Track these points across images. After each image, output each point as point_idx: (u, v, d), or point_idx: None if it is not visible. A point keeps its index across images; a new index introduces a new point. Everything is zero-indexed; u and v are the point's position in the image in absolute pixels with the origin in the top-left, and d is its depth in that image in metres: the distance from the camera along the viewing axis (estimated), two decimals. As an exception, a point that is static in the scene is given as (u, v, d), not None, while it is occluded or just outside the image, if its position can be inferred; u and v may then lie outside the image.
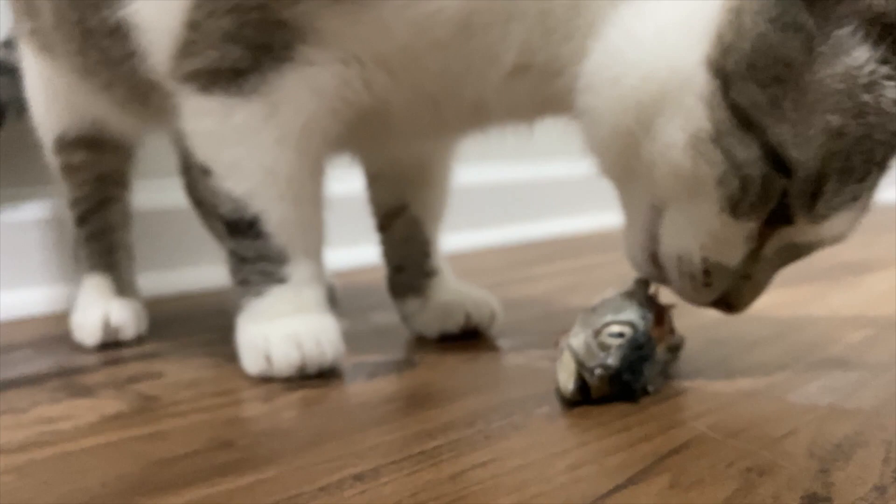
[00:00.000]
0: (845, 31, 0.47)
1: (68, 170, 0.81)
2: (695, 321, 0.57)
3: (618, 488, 0.40)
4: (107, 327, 0.75)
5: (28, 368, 0.68)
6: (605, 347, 0.52)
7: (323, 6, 0.54)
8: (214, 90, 0.59)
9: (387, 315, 0.80)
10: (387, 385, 0.61)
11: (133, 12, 0.61)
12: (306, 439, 0.48)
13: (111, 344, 0.75)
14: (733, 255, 0.52)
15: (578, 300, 0.80)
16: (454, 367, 0.65)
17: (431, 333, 0.74)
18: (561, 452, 0.45)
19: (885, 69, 0.47)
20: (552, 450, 0.46)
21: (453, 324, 0.72)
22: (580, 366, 0.52)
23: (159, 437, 0.50)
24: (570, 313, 0.59)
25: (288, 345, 0.60)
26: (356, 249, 0.93)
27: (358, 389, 0.60)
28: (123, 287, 0.80)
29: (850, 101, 0.47)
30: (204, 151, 0.61)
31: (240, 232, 0.61)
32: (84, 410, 0.56)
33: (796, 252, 0.53)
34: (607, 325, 0.53)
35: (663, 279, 0.56)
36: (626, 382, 0.52)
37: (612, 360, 0.52)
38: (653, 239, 0.54)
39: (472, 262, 1.26)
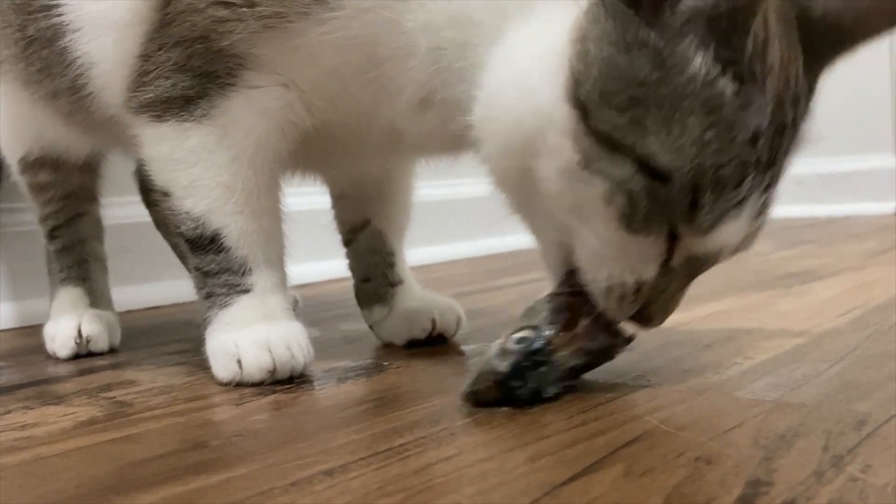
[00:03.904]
0: (686, 43, 0.48)
1: (35, 189, 0.83)
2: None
3: (574, 477, 0.42)
4: (79, 339, 0.76)
5: (-1, 379, 0.69)
6: (505, 353, 0.54)
7: (256, 34, 0.59)
8: (168, 117, 0.62)
9: (356, 324, 0.82)
10: (356, 388, 0.62)
11: (85, 50, 0.64)
12: (278, 439, 0.50)
13: (84, 355, 0.76)
14: (648, 269, 0.53)
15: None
16: (421, 371, 0.67)
17: (399, 341, 0.76)
18: (521, 446, 0.47)
19: (717, 67, 0.48)
20: (513, 444, 0.48)
21: (420, 330, 0.75)
22: (479, 371, 0.54)
23: (133, 440, 0.52)
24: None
25: (258, 349, 0.62)
26: (326, 263, 0.95)
27: (328, 393, 0.61)
28: (96, 298, 0.81)
29: (697, 101, 0.47)
30: (162, 175, 0.64)
31: (202, 248, 0.63)
32: (57, 417, 0.57)
33: (699, 263, 0.53)
34: (516, 330, 0.54)
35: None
36: (512, 388, 0.53)
37: (502, 366, 0.53)
38: (568, 265, 0.56)
39: (440, 272, 1.29)
